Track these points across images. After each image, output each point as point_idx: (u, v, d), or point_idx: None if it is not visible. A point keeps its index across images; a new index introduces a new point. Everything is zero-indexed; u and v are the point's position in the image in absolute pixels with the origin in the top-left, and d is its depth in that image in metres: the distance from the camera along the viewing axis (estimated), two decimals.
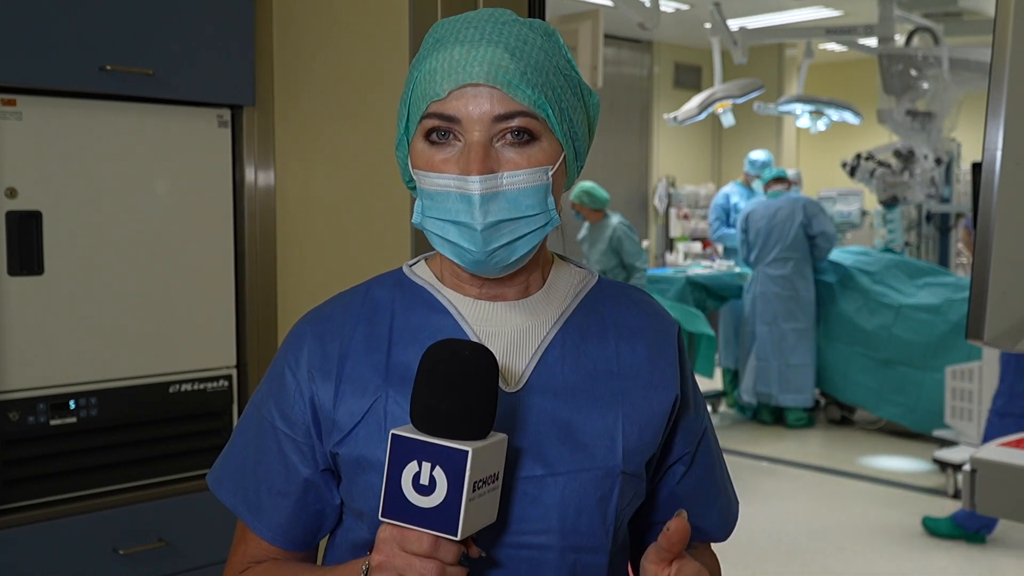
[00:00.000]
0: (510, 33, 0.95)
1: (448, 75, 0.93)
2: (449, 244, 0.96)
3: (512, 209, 0.94)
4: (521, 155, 0.94)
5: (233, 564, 1.08)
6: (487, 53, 0.93)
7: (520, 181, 0.94)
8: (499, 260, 0.96)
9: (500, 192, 0.93)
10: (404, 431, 0.84)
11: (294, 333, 1.06)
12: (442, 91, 0.93)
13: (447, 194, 0.94)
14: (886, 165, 6.06)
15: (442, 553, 0.84)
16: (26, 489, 1.97)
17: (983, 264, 1.18)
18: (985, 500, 1.89)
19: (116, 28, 2.00)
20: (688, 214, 9.31)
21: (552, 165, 0.96)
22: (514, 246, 0.96)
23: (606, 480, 0.99)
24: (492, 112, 0.93)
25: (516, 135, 0.94)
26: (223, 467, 1.09)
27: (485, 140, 0.93)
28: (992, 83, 1.17)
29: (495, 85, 0.92)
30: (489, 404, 0.85)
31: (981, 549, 4.19)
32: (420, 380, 0.85)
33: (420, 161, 0.97)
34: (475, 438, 0.83)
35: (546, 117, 0.95)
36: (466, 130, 0.93)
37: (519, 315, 1.03)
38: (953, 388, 4.90)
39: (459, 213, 0.94)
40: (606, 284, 1.11)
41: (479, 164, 0.92)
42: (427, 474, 0.82)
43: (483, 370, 0.85)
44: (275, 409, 1.03)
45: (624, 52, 9.23)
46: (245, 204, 2.23)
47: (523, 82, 0.93)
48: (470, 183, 0.92)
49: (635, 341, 1.05)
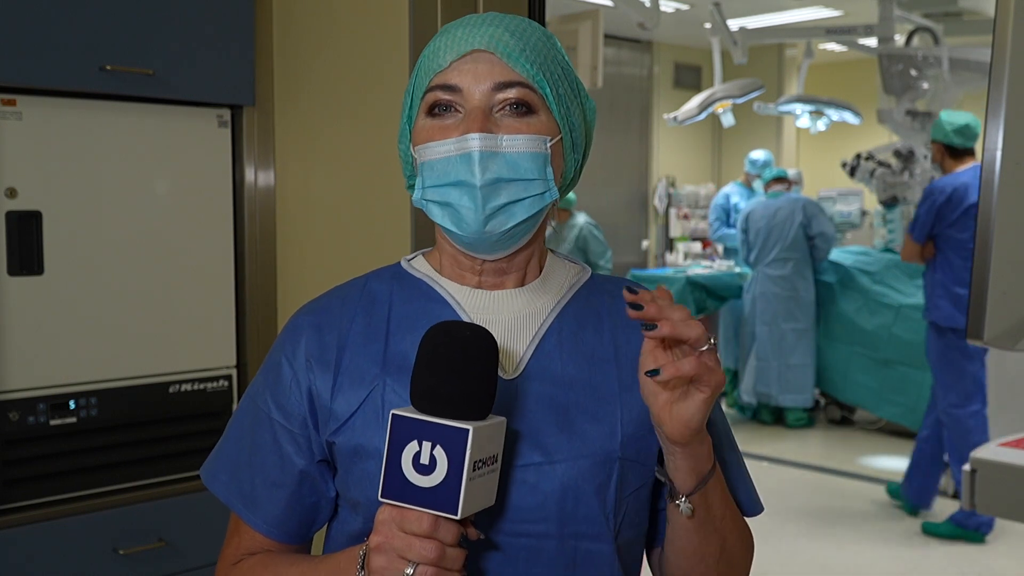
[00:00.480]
0: (512, 21, 1.00)
1: (450, 48, 0.98)
2: (449, 208, 0.98)
3: (511, 170, 0.96)
4: (520, 123, 0.98)
5: (226, 557, 1.08)
6: (489, 29, 0.98)
7: (519, 145, 0.97)
8: (497, 224, 0.97)
9: (499, 152, 0.96)
10: (404, 411, 0.85)
11: (291, 324, 1.06)
12: (444, 62, 0.97)
13: (447, 159, 0.97)
14: (886, 165, 6.06)
15: (442, 533, 0.84)
16: (26, 489, 1.97)
17: (983, 264, 1.19)
18: (985, 500, 1.89)
19: (116, 28, 2.00)
20: (688, 214, 9.31)
21: (550, 137, 0.99)
22: (512, 210, 0.97)
23: (604, 466, 0.99)
24: (492, 78, 0.96)
25: (515, 107, 0.97)
26: (217, 461, 1.09)
27: (485, 105, 0.97)
28: (992, 83, 1.17)
29: (495, 52, 0.96)
30: (489, 385, 0.85)
31: (981, 549, 4.19)
32: (420, 361, 0.86)
33: (422, 136, 1.00)
34: (475, 418, 0.84)
35: (544, 95, 0.98)
36: (467, 98, 0.97)
37: (516, 303, 1.04)
38: None
39: (459, 173, 0.96)
40: (599, 278, 1.12)
41: (479, 124, 0.95)
42: (427, 453, 0.83)
43: (483, 351, 0.86)
44: (271, 400, 1.04)
45: (624, 52, 9.23)
46: (245, 204, 2.23)
47: (522, 56, 0.97)
48: (469, 140, 0.95)
49: (630, 331, 1.06)
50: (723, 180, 9.35)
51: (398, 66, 1.88)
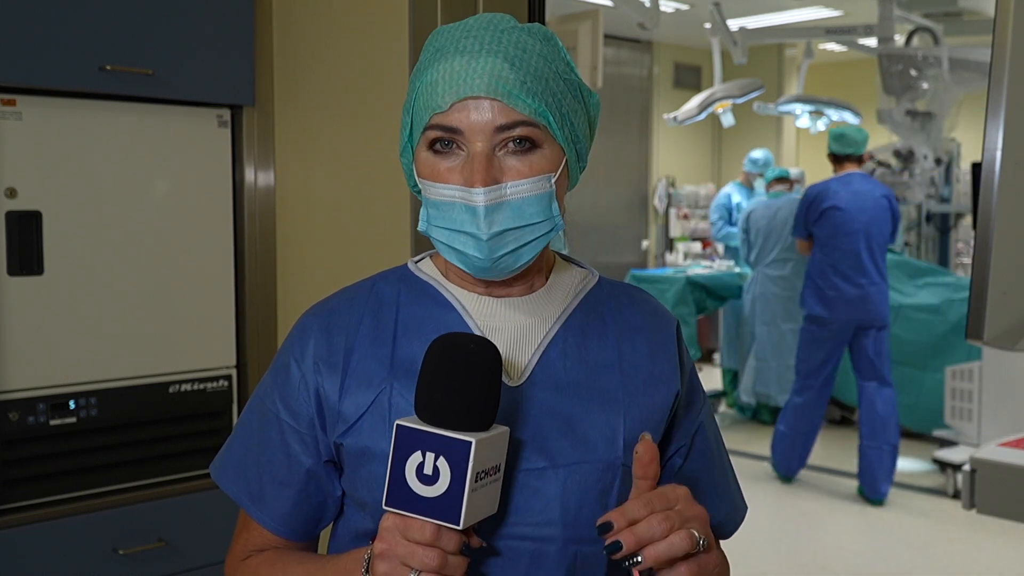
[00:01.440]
0: (509, 41, 0.97)
1: (449, 87, 0.95)
2: (456, 252, 0.98)
3: (517, 218, 0.96)
4: (524, 163, 0.96)
5: (235, 553, 1.10)
6: (487, 64, 0.94)
7: (524, 190, 0.96)
8: (505, 266, 0.98)
9: (504, 202, 0.95)
10: (408, 422, 0.86)
11: (300, 326, 1.07)
12: (444, 104, 0.95)
13: (452, 204, 0.96)
14: (886, 165, 6.06)
15: (444, 542, 0.85)
16: (26, 489, 1.97)
17: (983, 264, 1.19)
18: (985, 500, 1.89)
19: (116, 28, 2.00)
20: (688, 214, 9.31)
21: (555, 172, 0.98)
22: (519, 253, 0.98)
23: (607, 473, 1.00)
24: (494, 123, 0.95)
25: (518, 144, 0.96)
26: (226, 457, 1.10)
27: (487, 150, 0.95)
28: (992, 83, 1.17)
29: (496, 97, 0.94)
30: (492, 397, 0.86)
31: (982, 549, 4.18)
32: (425, 372, 0.87)
33: (425, 170, 0.99)
34: (478, 430, 0.85)
35: (547, 124, 0.97)
36: (468, 141, 0.96)
37: (522, 312, 1.05)
38: (953, 388, 4.89)
39: (464, 223, 0.96)
40: (606, 283, 1.13)
41: (483, 175, 0.94)
42: (431, 464, 0.84)
43: (487, 363, 0.86)
44: (279, 400, 1.05)
45: (624, 52, 9.23)
46: (245, 204, 2.23)
47: (523, 92, 0.95)
48: (474, 195, 0.94)
49: (635, 339, 1.07)
50: (723, 180, 9.35)
51: (398, 66, 1.88)
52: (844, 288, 4.78)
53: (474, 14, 1.04)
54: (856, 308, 4.78)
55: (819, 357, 4.92)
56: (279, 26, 2.24)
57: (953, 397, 4.91)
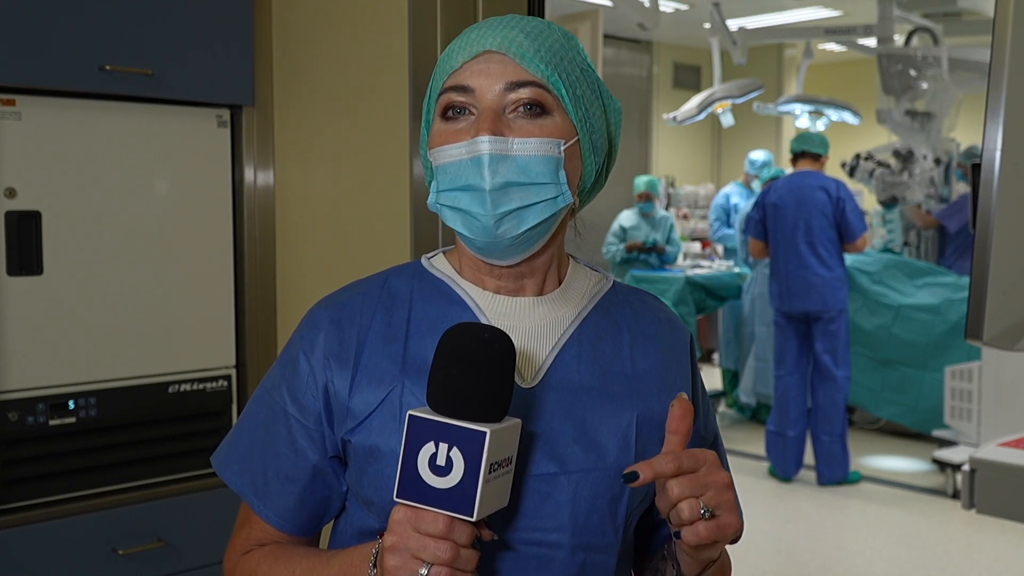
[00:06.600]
0: (529, 23, 0.99)
1: (463, 49, 0.97)
2: (460, 213, 0.97)
3: (521, 174, 0.95)
4: (533, 125, 0.96)
5: (236, 546, 1.08)
6: (503, 31, 0.97)
7: (530, 148, 0.95)
8: (508, 229, 0.96)
9: (509, 156, 0.95)
10: (421, 412, 0.85)
11: (310, 318, 1.05)
12: (457, 63, 0.97)
13: (459, 163, 0.96)
14: (885, 165, 6.06)
15: (456, 534, 0.84)
16: (26, 489, 1.97)
17: (983, 264, 1.18)
18: (984, 500, 1.89)
19: (115, 28, 2.00)
20: (687, 214, 9.31)
21: (565, 140, 0.97)
22: (523, 215, 0.96)
23: (618, 480, 0.99)
24: (504, 77, 0.95)
25: (528, 108, 0.96)
26: (230, 449, 1.08)
27: (497, 107, 0.96)
28: (991, 83, 1.17)
29: (507, 53, 0.96)
30: (506, 387, 0.85)
31: (982, 549, 4.18)
32: (439, 362, 0.85)
33: (436, 139, 0.99)
34: (492, 421, 0.84)
35: (559, 95, 0.97)
36: (479, 98, 0.96)
37: (536, 312, 1.04)
38: (952, 388, 4.89)
39: (469, 176, 0.95)
40: (621, 289, 1.12)
41: (489, 125, 0.94)
42: (444, 455, 0.83)
43: (501, 353, 0.85)
44: (287, 394, 1.03)
45: (623, 52, 9.23)
46: (244, 204, 2.23)
47: (536, 56, 0.96)
48: (479, 143, 0.94)
49: (649, 346, 1.07)
50: (723, 180, 9.36)
51: (398, 66, 1.88)
52: (790, 280, 5.03)
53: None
54: (802, 299, 5.02)
55: (785, 349, 5.16)
56: (279, 26, 2.24)
57: (953, 397, 4.91)
